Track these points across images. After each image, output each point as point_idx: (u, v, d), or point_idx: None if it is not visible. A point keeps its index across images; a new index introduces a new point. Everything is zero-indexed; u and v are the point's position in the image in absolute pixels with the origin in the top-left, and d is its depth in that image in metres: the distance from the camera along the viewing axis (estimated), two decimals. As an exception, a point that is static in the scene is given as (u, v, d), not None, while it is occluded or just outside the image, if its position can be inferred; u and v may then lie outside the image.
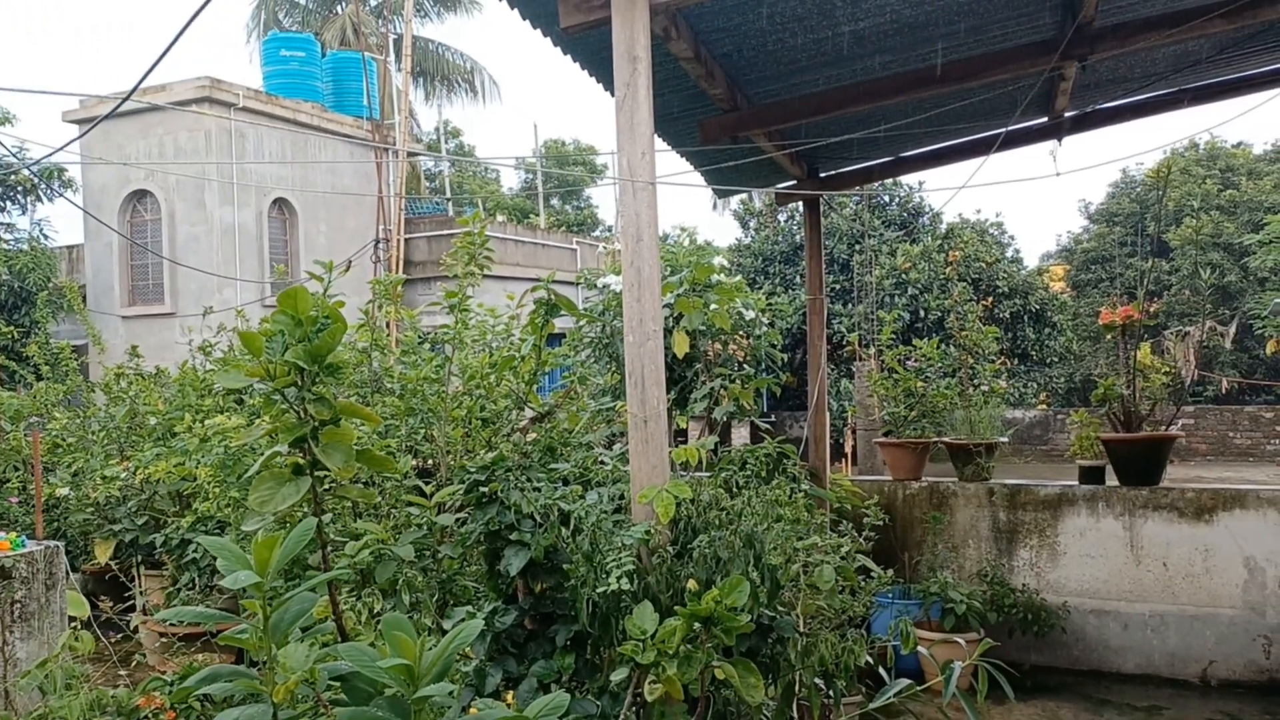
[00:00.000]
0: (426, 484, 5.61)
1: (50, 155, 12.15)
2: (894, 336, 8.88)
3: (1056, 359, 21.73)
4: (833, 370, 19.81)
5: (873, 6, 5.20)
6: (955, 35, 5.71)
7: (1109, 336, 8.63)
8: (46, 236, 20.34)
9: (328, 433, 2.74)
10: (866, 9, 5.23)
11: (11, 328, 15.45)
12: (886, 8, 5.25)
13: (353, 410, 2.83)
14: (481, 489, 3.98)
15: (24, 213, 20.23)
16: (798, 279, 21.04)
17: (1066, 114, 7.23)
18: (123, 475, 7.78)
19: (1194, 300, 24.38)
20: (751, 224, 24.18)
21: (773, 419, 21.07)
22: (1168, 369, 7.97)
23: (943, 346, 8.89)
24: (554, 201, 38.40)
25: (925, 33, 5.64)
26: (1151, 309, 8.33)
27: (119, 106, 7.16)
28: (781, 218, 23.41)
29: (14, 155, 16.25)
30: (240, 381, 2.67)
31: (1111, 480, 7.51)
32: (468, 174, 37.40)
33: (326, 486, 2.93)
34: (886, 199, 21.91)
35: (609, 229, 36.88)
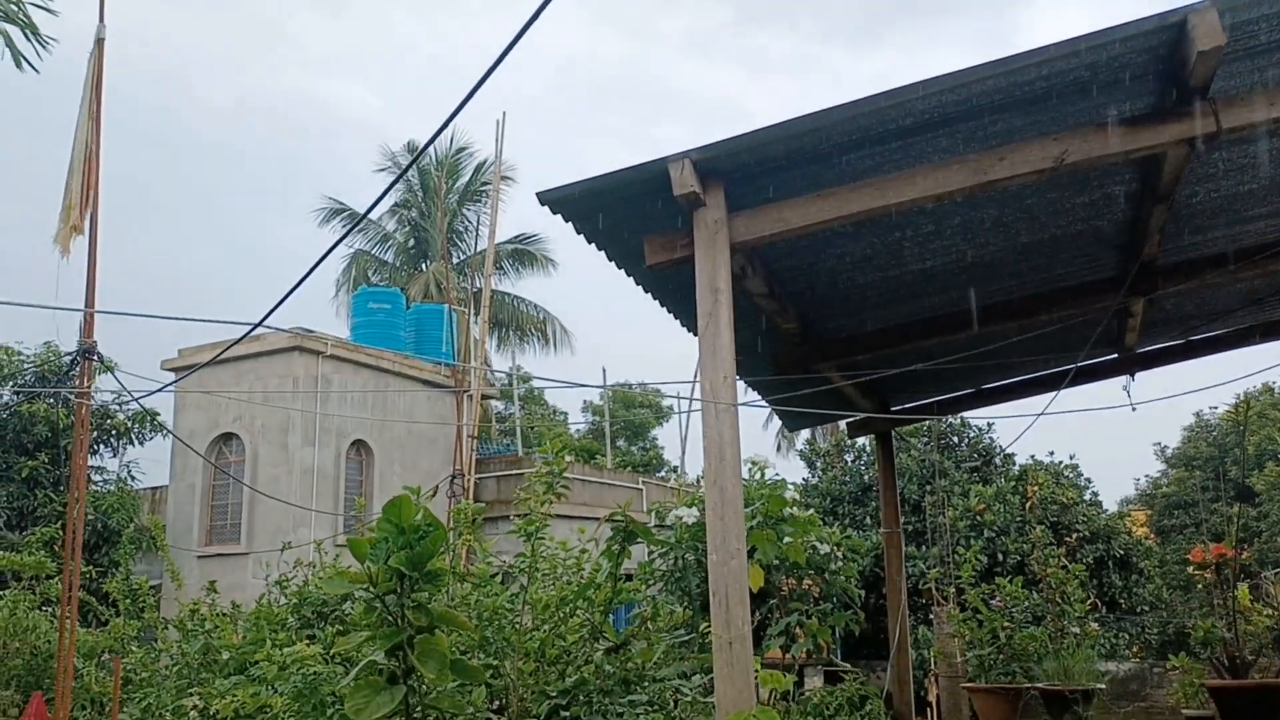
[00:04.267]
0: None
1: (152, 394, 12.83)
2: (974, 576, 8.62)
3: (1146, 608, 20.67)
4: (910, 617, 19.08)
5: (938, 248, 5.49)
6: (1020, 274, 5.94)
7: (1200, 584, 8.32)
8: (134, 478, 21.08)
9: (423, 640, 2.76)
10: (932, 250, 5.51)
11: (91, 567, 15.76)
12: (951, 249, 5.53)
13: (448, 617, 2.85)
14: (563, 714, 3.89)
15: (115, 455, 21.10)
16: (868, 519, 20.69)
17: (1137, 349, 7.33)
18: (192, 712, 7.68)
19: (1288, 546, 23.31)
20: (818, 464, 24.12)
21: (848, 668, 20.11)
22: (1271, 611, 7.59)
23: (1026, 590, 8.60)
24: (620, 443, 38.91)
25: (990, 271, 5.89)
26: (1244, 555, 8.05)
27: (220, 354, 7.60)
28: (849, 458, 23.34)
29: (130, 395, 17.15)
30: (343, 588, 2.73)
31: (1223, 730, 6.99)
32: (537, 416, 38.31)
33: (417, 698, 2.91)
34: (956, 439, 21.80)
35: (674, 468, 37.01)
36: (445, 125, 5.94)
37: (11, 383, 18.97)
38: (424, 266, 32.12)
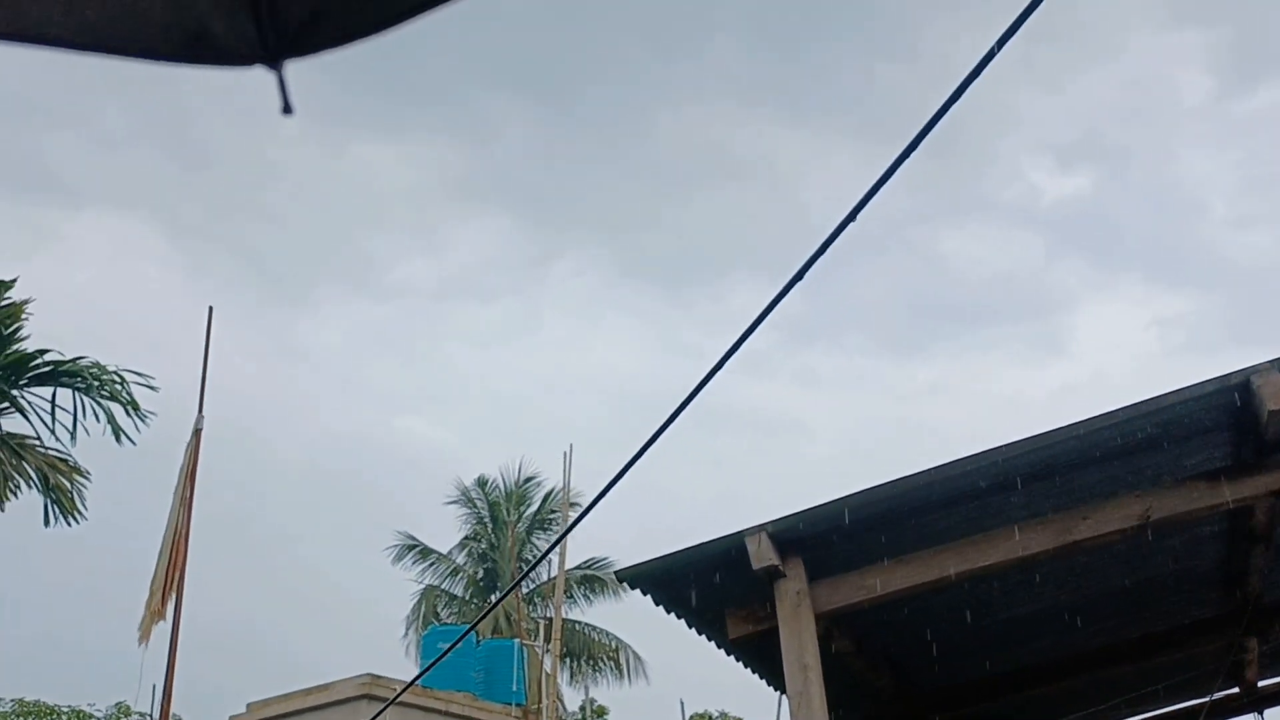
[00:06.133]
0: None
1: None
2: None
3: None
4: None
5: (1031, 595, 5.29)
6: (1121, 615, 5.68)
7: None
8: None
9: None
10: (1025, 598, 5.32)
11: None
12: (1044, 595, 5.33)
13: None
14: None
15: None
16: None
17: (1259, 683, 6.81)
18: None
19: None
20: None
21: None
22: None
23: None
24: (704, 783, 36.25)
25: (1090, 614, 5.64)
26: None
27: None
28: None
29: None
30: None
31: None
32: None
33: None
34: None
35: (764, 811, 34.15)
36: (594, 504, 5.94)
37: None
38: (494, 598, 31.82)
